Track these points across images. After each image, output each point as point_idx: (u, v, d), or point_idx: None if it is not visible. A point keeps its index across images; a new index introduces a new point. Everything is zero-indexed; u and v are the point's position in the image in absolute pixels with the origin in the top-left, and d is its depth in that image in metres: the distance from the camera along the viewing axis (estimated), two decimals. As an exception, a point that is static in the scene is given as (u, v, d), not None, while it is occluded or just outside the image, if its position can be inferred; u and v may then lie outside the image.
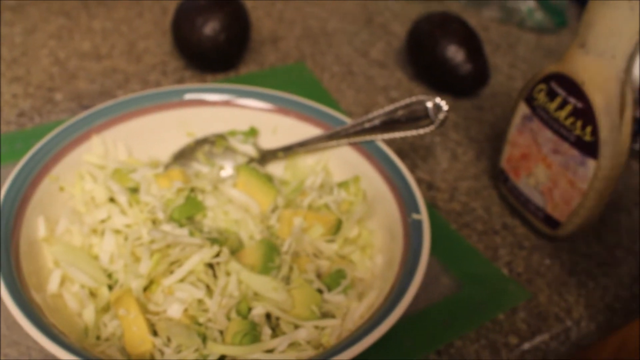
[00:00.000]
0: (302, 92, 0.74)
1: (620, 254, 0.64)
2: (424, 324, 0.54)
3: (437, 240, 0.60)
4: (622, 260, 0.63)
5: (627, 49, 0.51)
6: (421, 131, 0.56)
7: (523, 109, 0.61)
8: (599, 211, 0.60)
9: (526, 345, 0.55)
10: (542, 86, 0.58)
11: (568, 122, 0.56)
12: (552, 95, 0.57)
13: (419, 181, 0.68)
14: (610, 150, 0.54)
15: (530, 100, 0.60)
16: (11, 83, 0.76)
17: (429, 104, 0.56)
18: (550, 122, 0.58)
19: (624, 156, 0.55)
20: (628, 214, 0.68)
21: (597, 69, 0.53)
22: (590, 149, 0.55)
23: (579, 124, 0.55)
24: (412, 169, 0.70)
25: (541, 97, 0.58)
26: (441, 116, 0.55)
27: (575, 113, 0.55)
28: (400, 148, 0.72)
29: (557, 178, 0.59)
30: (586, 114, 0.54)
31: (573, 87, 0.55)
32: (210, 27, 0.74)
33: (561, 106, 0.56)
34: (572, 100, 0.55)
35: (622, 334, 0.76)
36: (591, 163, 0.55)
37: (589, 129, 0.54)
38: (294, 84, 0.80)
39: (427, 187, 0.68)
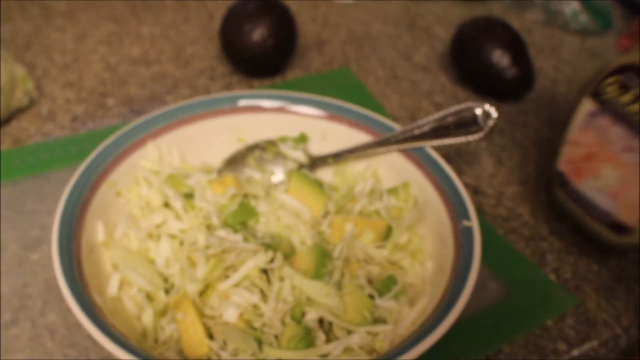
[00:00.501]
0: (348, 97, 0.75)
1: (669, 259, 0.63)
2: (472, 329, 0.54)
3: (484, 246, 0.60)
4: (672, 266, 0.63)
5: None
6: (470, 138, 0.56)
7: (588, 105, 0.58)
8: None
9: (575, 352, 0.55)
10: (612, 79, 0.55)
11: None
12: (624, 88, 0.54)
13: (465, 186, 0.69)
14: None
15: (597, 95, 0.57)
16: (64, 88, 0.78)
17: (478, 111, 0.56)
18: (622, 118, 0.55)
19: None
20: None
21: None
22: None
23: None
24: (458, 174, 0.70)
25: (611, 91, 0.55)
26: (490, 123, 0.56)
27: None
28: (447, 153, 0.72)
29: (629, 178, 0.55)
30: None
31: None
32: (258, 33, 0.76)
33: (635, 99, 0.53)
34: None
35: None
36: None
37: None
38: (340, 88, 0.80)
39: (473, 192, 0.68)
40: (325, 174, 0.63)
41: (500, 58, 0.78)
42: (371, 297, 0.51)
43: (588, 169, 0.59)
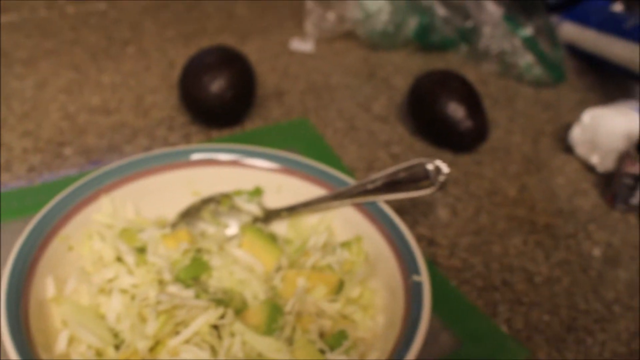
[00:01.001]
0: (306, 148, 0.76)
1: (618, 309, 0.65)
2: (425, 382, 0.55)
3: (437, 297, 0.61)
4: (620, 316, 0.64)
5: None
6: (422, 193, 0.57)
7: None
8: None
9: (526, 404, 0.56)
10: None
11: None
12: None
13: (420, 237, 0.70)
14: None
15: None
16: (22, 137, 0.78)
17: (430, 167, 0.57)
18: None
19: None
20: (626, 269, 0.69)
21: None
22: None
23: None
24: (413, 225, 0.71)
25: None
26: (441, 178, 0.57)
27: None
28: (402, 204, 0.73)
29: None
30: None
31: None
32: (217, 85, 0.77)
33: None
34: None
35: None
36: None
37: None
38: (298, 139, 0.81)
39: (428, 243, 0.69)
40: (280, 227, 0.63)
41: (455, 111, 0.80)
42: (322, 351, 0.51)
43: None
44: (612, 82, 1.05)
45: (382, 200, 0.59)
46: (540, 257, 0.70)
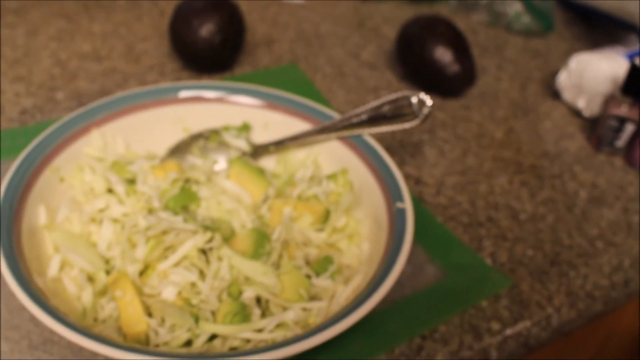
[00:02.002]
0: (295, 92, 0.76)
1: (601, 245, 0.66)
2: (409, 309, 0.56)
3: (423, 231, 0.63)
4: (603, 251, 0.65)
5: None
6: (406, 125, 0.58)
7: None
8: None
9: (508, 331, 0.57)
10: None
11: None
12: None
13: (407, 176, 0.71)
14: None
15: None
16: (14, 82, 0.79)
17: (414, 99, 0.58)
18: None
19: None
20: (610, 208, 0.70)
21: None
22: None
23: None
24: (401, 164, 0.72)
25: None
26: (425, 111, 0.58)
27: None
28: (390, 145, 0.74)
29: None
30: None
31: None
32: (206, 29, 0.77)
33: None
34: None
35: (609, 323, 0.78)
36: None
37: None
38: (287, 84, 0.82)
39: (415, 182, 0.70)
40: (268, 162, 0.64)
41: (442, 55, 0.81)
42: (308, 277, 0.52)
43: None
44: (600, 32, 1.05)
45: (367, 134, 0.59)
46: (525, 196, 0.71)
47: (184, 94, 0.63)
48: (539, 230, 0.67)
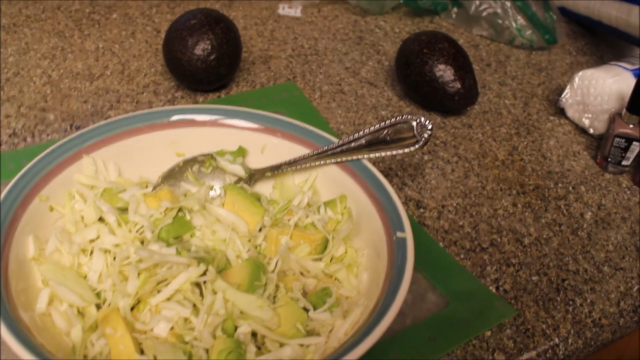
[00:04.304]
0: (292, 111, 0.75)
1: (607, 270, 0.64)
2: (411, 340, 0.54)
3: (425, 258, 0.61)
4: (610, 277, 0.64)
5: None
6: (406, 150, 0.57)
7: None
8: None
9: (513, 362, 0.55)
10: None
11: None
12: None
13: (408, 199, 0.69)
14: None
15: None
16: (4, 103, 0.77)
17: (414, 123, 0.56)
18: None
19: None
20: (617, 230, 0.69)
21: None
22: None
23: None
24: (401, 187, 0.70)
25: None
26: (426, 135, 0.56)
27: None
28: (389, 167, 0.73)
29: None
30: None
31: None
32: (200, 48, 0.75)
33: None
34: None
35: (619, 349, 0.76)
36: None
37: None
38: (285, 103, 0.81)
39: (416, 205, 0.69)
40: (265, 188, 0.62)
41: (443, 72, 0.79)
42: (305, 309, 0.50)
43: None
44: (604, 45, 1.04)
45: (366, 158, 0.58)
46: (529, 219, 0.69)
47: (176, 117, 0.62)
48: (543, 255, 0.65)
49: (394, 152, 0.57)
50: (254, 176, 0.61)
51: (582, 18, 1.02)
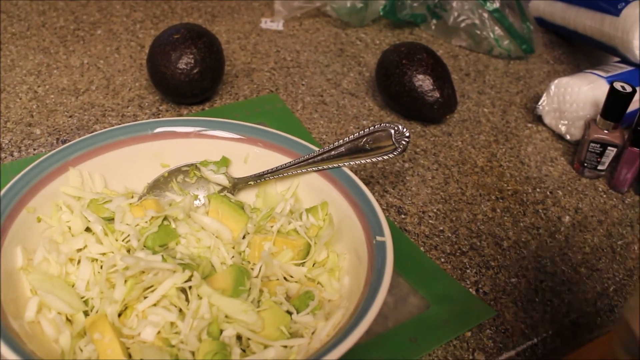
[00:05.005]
0: (275, 122, 0.76)
1: (584, 271, 0.66)
2: (393, 341, 0.56)
3: (406, 262, 0.63)
4: (587, 278, 0.65)
5: None
6: (385, 157, 0.58)
7: None
8: None
9: (493, 362, 0.56)
10: None
11: None
12: None
13: (389, 206, 0.71)
14: None
15: None
16: (-9, 119, 0.78)
17: (392, 131, 0.58)
18: None
19: None
20: (593, 233, 0.70)
21: None
22: None
23: None
24: (383, 194, 0.72)
25: None
26: (404, 142, 0.58)
27: None
28: (371, 174, 0.74)
29: None
30: None
31: None
32: (184, 62, 0.77)
33: None
34: None
35: (600, 346, 0.77)
36: None
37: None
38: (267, 114, 0.82)
39: (397, 211, 0.70)
40: (248, 197, 0.64)
41: (421, 82, 0.81)
42: (289, 313, 0.52)
43: None
44: (580, 54, 1.06)
45: (345, 166, 0.59)
46: (508, 223, 0.71)
47: (160, 129, 0.63)
48: (522, 258, 0.67)
49: (373, 159, 0.58)
50: (237, 185, 0.63)
51: (558, 28, 1.04)
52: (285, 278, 0.55)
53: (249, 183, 0.62)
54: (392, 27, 1.07)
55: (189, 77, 0.77)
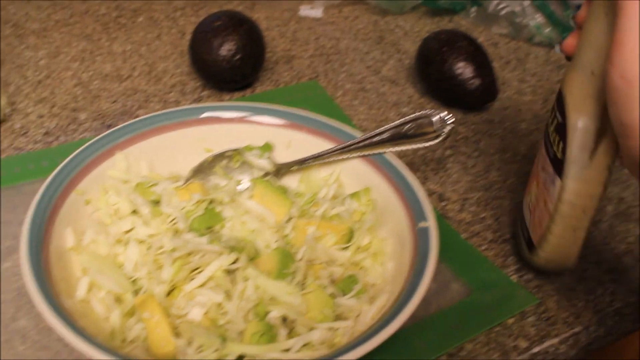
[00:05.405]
0: (316, 109, 0.76)
1: (629, 261, 0.65)
2: (435, 327, 0.56)
3: (448, 248, 0.62)
4: (631, 267, 0.64)
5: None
6: (428, 144, 0.58)
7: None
8: (574, 245, 0.55)
9: (535, 349, 0.56)
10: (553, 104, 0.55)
11: (552, 137, 0.53)
12: (552, 111, 0.55)
13: (430, 193, 0.71)
14: (576, 172, 0.50)
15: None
16: (37, 104, 0.80)
17: (435, 118, 0.58)
18: (545, 139, 0.56)
19: (598, 186, 0.51)
20: (637, 223, 0.70)
21: (578, 84, 0.49)
22: (559, 166, 0.52)
23: (557, 139, 0.52)
24: (423, 181, 0.72)
25: (551, 115, 0.56)
26: (447, 129, 0.58)
27: (557, 128, 0.52)
28: (412, 161, 0.74)
29: (539, 196, 0.56)
30: (563, 129, 0.51)
31: (561, 102, 0.52)
32: (226, 48, 0.78)
33: (552, 121, 0.54)
34: (558, 115, 0.52)
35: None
36: (558, 182, 0.52)
37: (561, 145, 0.51)
38: (308, 101, 0.82)
39: (438, 198, 0.70)
40: (291, 181, 0.64)
41: (463, 69, 0.80)
42: (333, 296, 0.52)
43: (528, 185, 0.61)
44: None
45: (389, 152, 0.59)
46: (550, 211, 0.70)
47: (206, 115, 0.64)
48: (564, 246, 0.66)
49: (416, 146, 0.59)
50: (280, 170, 0.63)
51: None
52: (328, 262, 0.56)
53: (292, 168, 0.63)
54: (431, 14, 1.07)
55: (230, 63, 0.78)
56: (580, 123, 0.49)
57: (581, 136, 0.49)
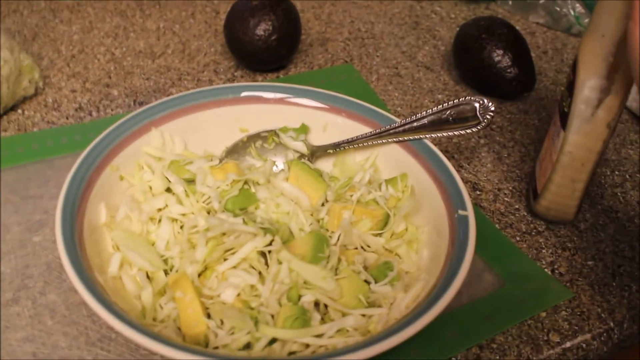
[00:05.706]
0: (350, 93, 0.75)
1: (664, 258, 0.64)
2: (467, 318, 0.55)
3: (481, 239, 0.61)
4: (667, 265, 0.63)
5: (616, 30, 0.51)
6: (469, 131, 0.57)
7: None
8: (573, 197, 0.62)
9: (568, 344, 0.55)
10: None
11: (564, 94, 0.59)
12: (568, 73, 0.59)
13: (464, 181, 0.70)
14: (578, 125, 0.57)
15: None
16: (70, 79, 0.79)
17: (477, 105, 0.57)
18: (560, 98, 0.62)
19: (597, 141, 0.57)
20: (673, 220, 0.68)
21: (590, 45, 0.54)
22: (565, 119, 0.58)
23: (567, 95, 0.58)
24: (457, 169, 0.71)
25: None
26: (488, 116, 0.57)
27: (568, 86, 0.57)
28: (446, 149, 0.73)
29: (547, 149, 0.63)
30: (572, 86, 0.56)
31: (574, 63, 0.57)
32: (262, 28, 0.77)
33: (566, 81, 0.59)
34: (571, 74, 0.57)
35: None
36: (562, 134, 0.58)
37: (568, 101, 0.57)
38: (342, 84, 0.82)
39: (472, 187, 0.69)
40: (325, 165, 0.64)
41: (500, 58, 0.79)
42: (367, 282, 0.51)
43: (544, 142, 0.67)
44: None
45: (428, 138, 0.58)
46: (585, 205, 0.69)
47: (245, 93, 0.63)
48: (599, 241, 0.65)
49: (456, 133, 0.58)
50: (315, 153, 0.63)
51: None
52: (363, 248, 0.55)
53: (328, 151, 0.62)
54: (467, 1, 1.05)
55: (266, 43, 0.77)
56: (587, 80, 0.55)
57: (587, 92, 0.55)
